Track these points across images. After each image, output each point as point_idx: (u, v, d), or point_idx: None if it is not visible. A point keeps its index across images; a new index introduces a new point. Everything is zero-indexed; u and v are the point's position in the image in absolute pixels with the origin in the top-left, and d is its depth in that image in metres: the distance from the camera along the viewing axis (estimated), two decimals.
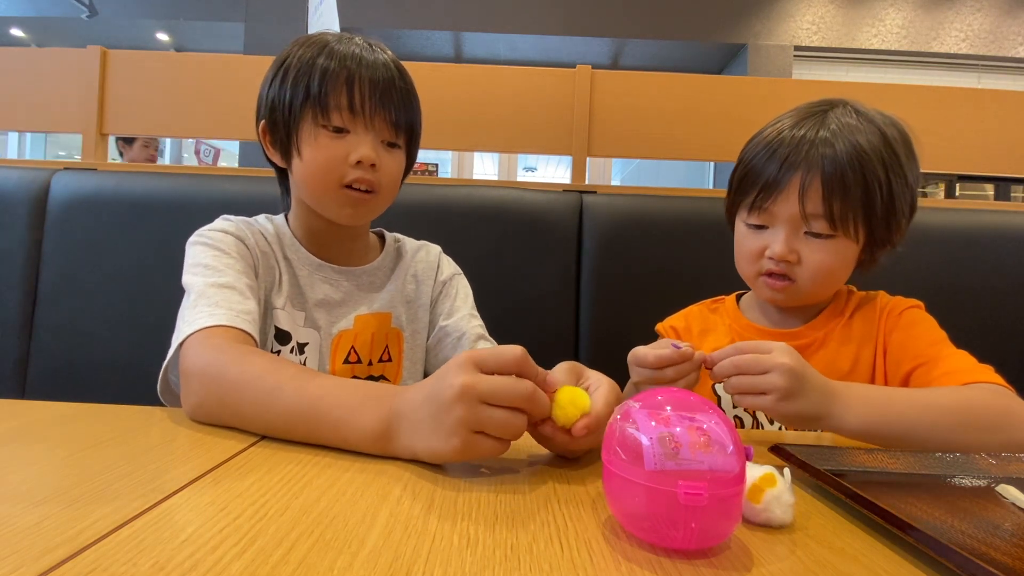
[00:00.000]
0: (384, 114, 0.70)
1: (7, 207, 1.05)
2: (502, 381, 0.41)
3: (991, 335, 1.00)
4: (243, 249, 0.71)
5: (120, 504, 0.34)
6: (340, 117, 0.68)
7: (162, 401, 0.62)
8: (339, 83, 0.68)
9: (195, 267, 0.67)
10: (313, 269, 0.76)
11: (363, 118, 0.69)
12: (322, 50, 0.69)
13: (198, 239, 0.71)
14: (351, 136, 0.69)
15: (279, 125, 0.71)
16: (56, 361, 1.03)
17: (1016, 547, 0.34)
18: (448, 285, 0.84)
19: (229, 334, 0.59)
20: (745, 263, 0.74)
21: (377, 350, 0.78)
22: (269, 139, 0.74)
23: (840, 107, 0.71)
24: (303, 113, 0.69)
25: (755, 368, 0.53)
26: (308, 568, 0.28)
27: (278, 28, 4.49)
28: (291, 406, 0.48)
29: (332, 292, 0.76)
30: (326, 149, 0.68)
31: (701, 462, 0.31)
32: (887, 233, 0.70)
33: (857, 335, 0.73)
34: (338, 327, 0.76)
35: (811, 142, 0.68)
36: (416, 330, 0.82)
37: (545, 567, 0.30)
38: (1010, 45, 4.75)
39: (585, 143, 1.24)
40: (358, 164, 0.68)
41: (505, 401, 0.41)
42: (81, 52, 1.26)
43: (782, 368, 0.52)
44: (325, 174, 0.69)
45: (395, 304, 0.80)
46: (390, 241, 0.85)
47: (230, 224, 0.73)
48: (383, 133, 0.71)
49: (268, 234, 0.75)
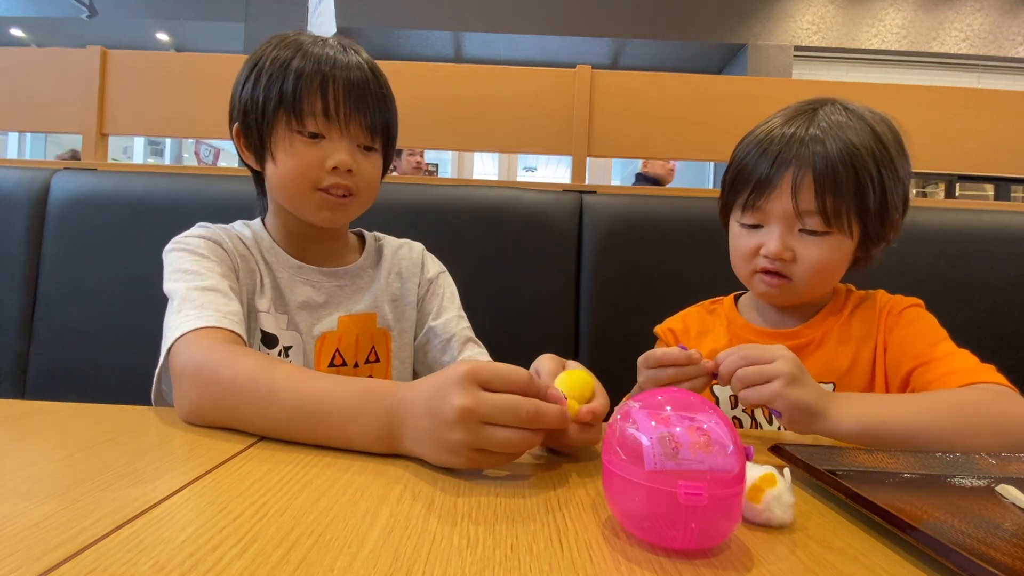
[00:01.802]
0: (359, 119, 0.69)
1: (7, 207, 1.05)
2: (504, 402, 0.41)
3: (991, 335, 1.00)
4: (221, 253, 0.70)
5: (120, 504, 0.34)
6: (315, 123, 0.67)
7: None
8: (313, 87, 0.67)
9: (176, 273, 0.66)
10: (293, 271, 0.75)
11: (338, 124, 0.68)
12: (296, 52, 0.68)
13: (175, 246, 0.70)
14: (326, 142, 0.68)
15: (252, 128, 0.70)
16: (56, 361, 1.03)
17: (1016, 547, 0.34)
18: (435, 284, 0.84)
19: (218, 335, 0.58)
20: (740, 262, 0.74)
21: (363, 352, 0.77)
22: (243, 142, 0.73)
23: (829, 105, 0.71)
24: (276, 117, 0.68)
25: (761, 358, 0.54)
26: (308, 568, 0.28)
27: (278, 28, 4.44)
28: (289, 409, 0.48)
29: (313, 294, 0.75)
30: (301, 155, 0.68)
31: (701, 462, 0.31)
32: (881, 229, 0.70)
33: (856, 334, 0.73)
34: (320, 329, 0.75)
35: (801, 140, 0.68)
36: (403, 329, 0.81)
37: (545, 567, 0.30)
38: (1010, 45, 4.75)
39: (585, 143, 1.24)
40: (334, 170, 0.68)
41: (507, 422, 0.41)
42: (81, 52, 1.26)
43: (786, 356, 0.54)
44: (300, 180, 0.68)
45: (380, 304, 0.79)
46: (370, 240, 0.84)
47: (206, 230, 0.72)
48: (359, 138, 0.70)
49: (246, 238, 0.74)
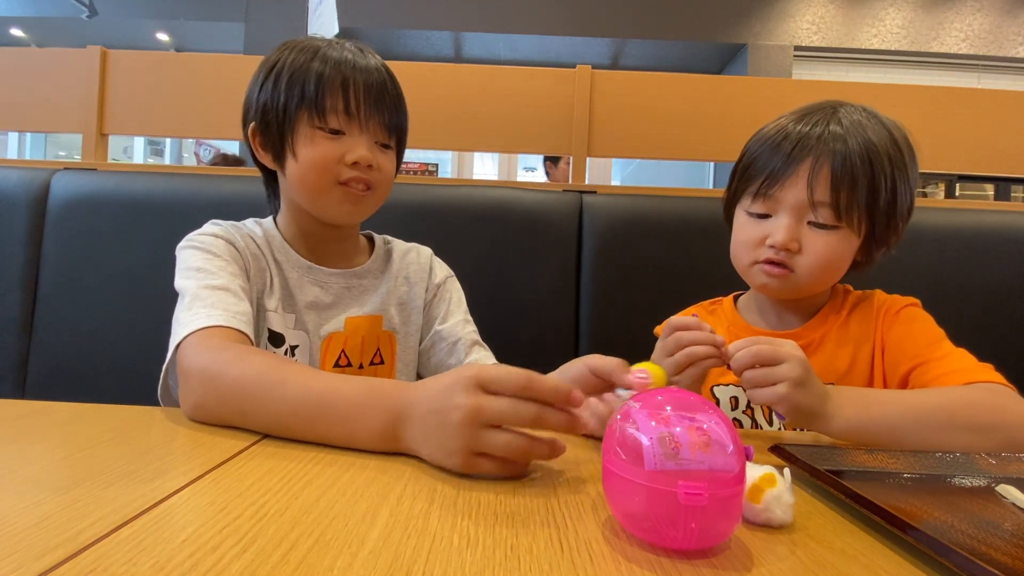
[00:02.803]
0: (378, 117, 0.72)
1: (7, 207, 1.05)
2: (508, 406, 0.41)
3: (991, 335, 1.00)
4: (234, 252, 0.71)
5: (120, 504, 0.34)
6: (336, 119, 0.69)
7: (161, 405, 0.62)
8: (335, 87, 0.69)
9: (188, 271, 0.67)
10: (303, 271, 0.76)
11: (358, 120, 0.70)
12: (315, 55, 0.70)
13: (188, 244, 0.71)
14: (346, 138, 0.70)
15: (272, 127, 0.71)
16: (56, 361, 1.03)
17: (1016, 547, 0.34)
18: (442, 288, 0.84)
19: (226, 334, 0.59)
20: (743, 251, 0.74)
21: (368, 353, 0.78)
22: (260, 141, 0.74)
23: (849, 105, 0.73)
24: (298, 115, 0.70)
25: (771, 358, 0.54)
26: (308, 568, 0.28)
27: (278, 28, 4.48)
28: (295, 402, 0.48)
29: (322, 294, 0.76)
30: (323, 149, 0.69)
31: (701, 462, 0.31)
32: (886, 232, 0.71)
33: (854, 334, 0.73)
34: (326, 329, 0.75)
35: (820, 135, 0.69)
36: (409, 332, 0.82)
37: (545, 567, 0.30)
38: (1010, 45, 4.75)
39: (585, 143, 1.24)
40: (355, 165, 0.69)
41: (510, 424, 0.42)
42: (81, 52, 1.26)
43: (796, 358, 0.54)
44: (322, 173, 0.70)
45: (387, 306, 0.80)
46: (380, 243, 0.85)
47: (219, 228, 0.73)
48: (377, 135, 0.72)
49: (257, 237, 0.75)
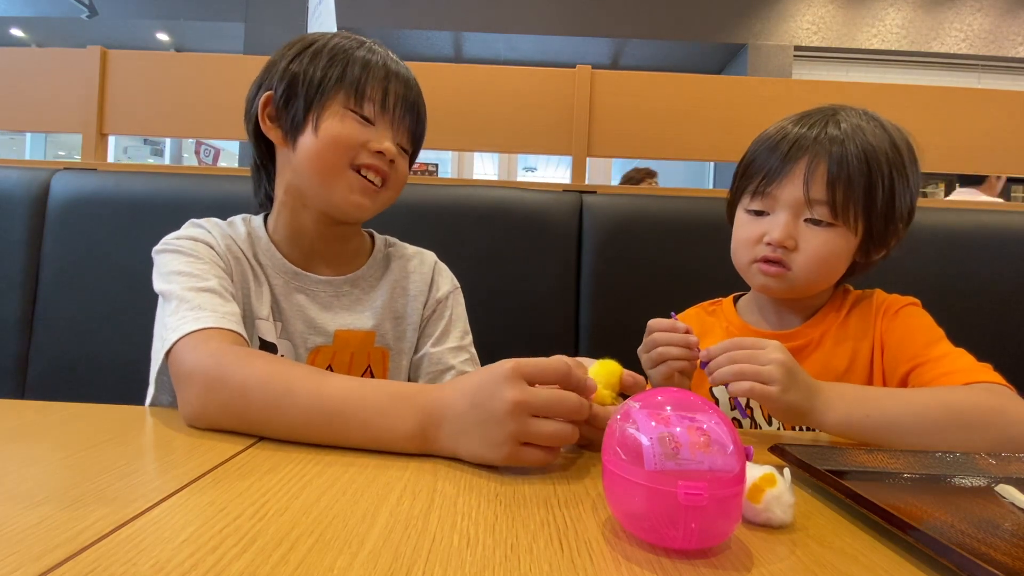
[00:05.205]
0: (407, 121, 0.73)
1: (7, 207, 1.05)
2: (553, 396, 0.43)
3: (991, 335, 1.00)
4: (213, 255, 0.68)
5: (120, 504, 0.34)
6: (371, 108, 0.69)
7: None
8: (378, 78, 0.70)
9: (170, 275, 0.63)
10: (288, 277, 0.72)
11: (391, 116, 0.71)
12: (360, 45, 0.71)
13: (166, 247, 0.67)
14: (374, 129, 0.70)
15: (297, 98, 0.69)
16: (56, 360, 1.03)
17: (1016, 547, 0.34)
18: (442, 305, 0.80)
19: (221, 336, 0.56)
20: (742, 250, 0.75)
21: (357, 369, 0.74)
22: (272, 112, 0.71)
23: (849, 109, 0.73)
24: (334, 93, 0.68)
25: (750, 370, 0.55)
26: (308, 568, 0.28)
27: (278, 28, 4.49)
28: (309, 407, 0.47)
29: (308, 303, 0.72)
30: (350, 128, 0.68)
31: (701, 462, 0.31)
32: (884, 233, 0.71)
33: (853, 334, 0.73)
34: (314, 341, 0.72)
35: (817, 136, 0.70)
36: (402, 349, 0.78)
37: (545, 567, 0.30)
38: (1010, 45, 4.75)
39: (585, 143, 1.24)
40: (378, 154, 0.69)
41: (555, 415, 0.43)
42: (81, 52, 1.26)
43: (776, 362, 0.55)
44: (342, 150, 0.67)
45: (382, 321, 0.76)
46: (380, 244, 0.81)
47: (199, 230, 0.70)
48: (401, 137, 0.73)
49: (239, 237, 0.72)
